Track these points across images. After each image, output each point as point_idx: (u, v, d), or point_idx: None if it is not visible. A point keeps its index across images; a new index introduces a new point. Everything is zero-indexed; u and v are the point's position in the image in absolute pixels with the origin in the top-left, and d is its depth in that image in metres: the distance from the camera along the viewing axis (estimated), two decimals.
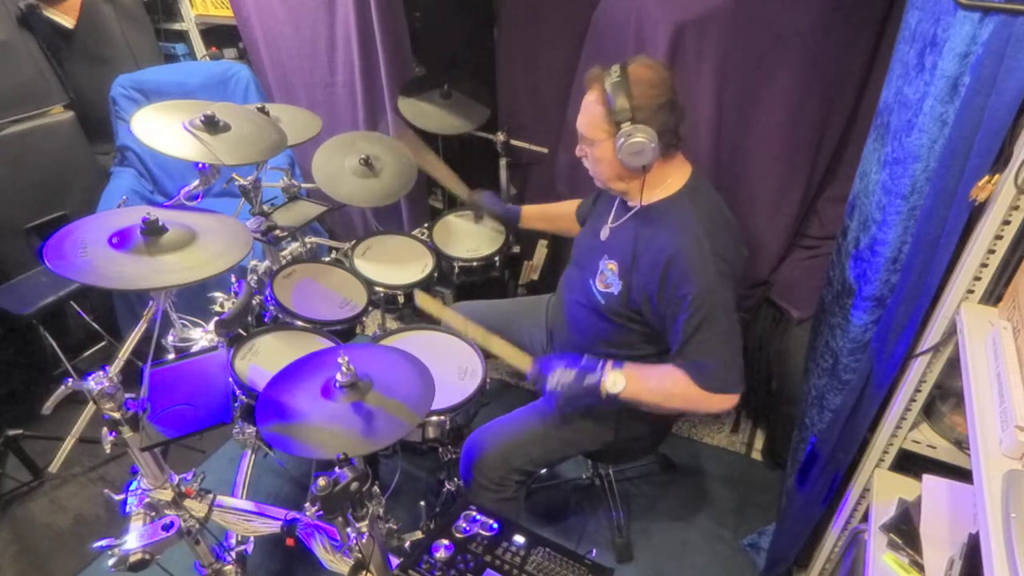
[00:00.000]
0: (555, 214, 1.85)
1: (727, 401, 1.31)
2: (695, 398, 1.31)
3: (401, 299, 1.83)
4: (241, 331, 1.59)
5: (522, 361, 1.45)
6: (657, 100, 1.23)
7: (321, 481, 0.95)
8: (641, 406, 1.38)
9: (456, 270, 1.97)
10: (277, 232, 1.79)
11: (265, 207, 1.87)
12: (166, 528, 1.19)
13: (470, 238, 2.07)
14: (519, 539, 1.12)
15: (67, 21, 2.48)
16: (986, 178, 0.94)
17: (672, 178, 1.35)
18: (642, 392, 1.35)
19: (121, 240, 1.09)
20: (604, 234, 1.47)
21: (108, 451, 1.13)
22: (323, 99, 2.45)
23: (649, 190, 1.35)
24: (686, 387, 1.30)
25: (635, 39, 1.75)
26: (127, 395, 1.12)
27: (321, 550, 1.30)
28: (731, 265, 1.29)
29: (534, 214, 1.92)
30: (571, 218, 1.78)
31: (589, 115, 1.31)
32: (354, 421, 1.11)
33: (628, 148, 1.24)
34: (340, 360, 1.14)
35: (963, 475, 1.17)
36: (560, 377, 1.36)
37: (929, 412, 1.28)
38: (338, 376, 1.14)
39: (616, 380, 1.34)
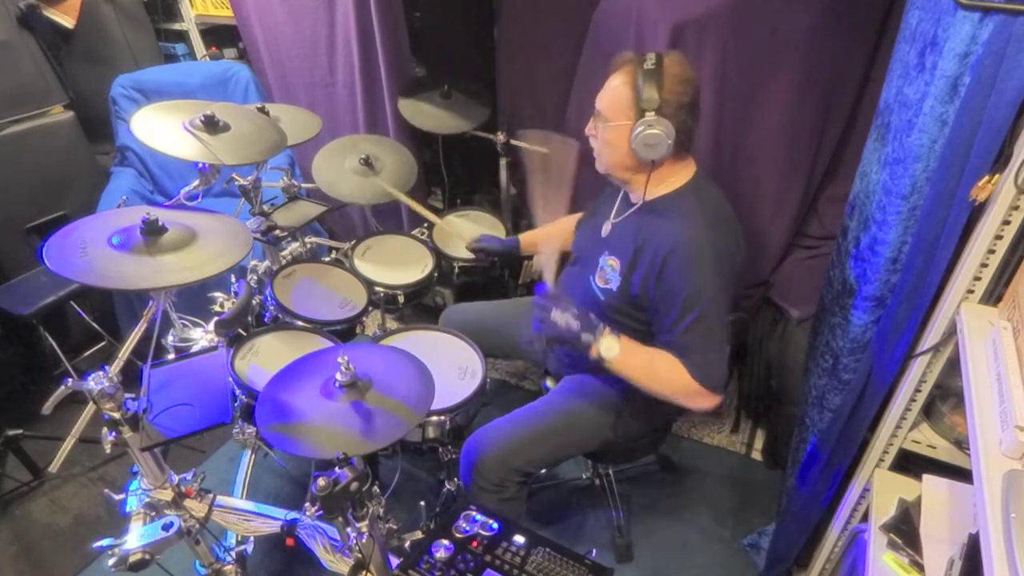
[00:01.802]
0: (553, 234, 1.71)
1: (708, 399, 1.30)
2: (681, 384, 1.29)
3: (401, 299, 1.84)
4: (241, 331, 1.59)
5: (551, 277, 1.42)
6: (682, 98, 1.23)
7: (321, 481, 0.95)
8: (626, 378, 1.36)
9: (456, 270, 1.97)
10: (277, 232, 1.79)
11: (265, 207, 1.87)
12: (166, 528, 1.19)
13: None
14: (519, 539, 1.12)
15: (67, 21, 2.48)
16: (986, 178, 0.94)
17: (676, 176, 1.35)
18: (631, 366, 1.33)
19: (121, 240, 1.08)
20: (606, 230, 1.46)
21: (108, 451, 1.13)
22: (323, 99, 2.45)
23: (653, 185, 1.34)
24: (677, 371, 1.29)
25: (635, 39, 1.75)
26: (127, 395, 1.13)
27: (321, 550, 1.30)
28: (731, 264, 1.29)
29: (533, 239, 1.83)
30: (572, 234, 1.69)
31: (614, 96, 1.29)
32: (354, 421, 1.11)
33: (643, 138, 1.24)
34: (340, 360, 1.13)
35: (963, 475, 1.17)
36: (564, 318, 1.31)
37: (929, 412, 1.28)
38: (338, 375, 1.14)
39: (611, 345, 1.32)
